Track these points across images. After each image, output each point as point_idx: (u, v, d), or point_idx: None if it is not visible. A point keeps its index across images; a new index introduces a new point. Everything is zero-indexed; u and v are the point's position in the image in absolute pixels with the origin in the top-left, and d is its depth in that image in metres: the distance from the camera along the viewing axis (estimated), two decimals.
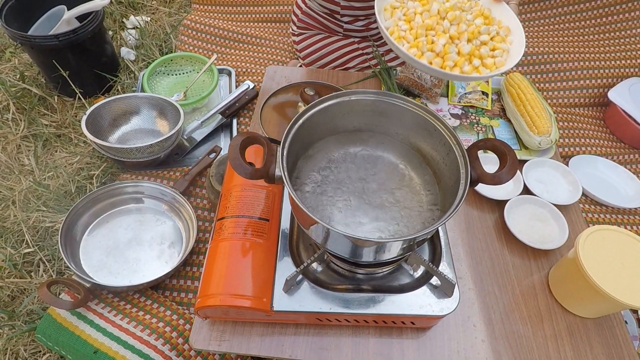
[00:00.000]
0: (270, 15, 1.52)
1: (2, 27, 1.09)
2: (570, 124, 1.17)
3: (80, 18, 1.17)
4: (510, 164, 0.47)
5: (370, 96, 0.56)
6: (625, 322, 0.63)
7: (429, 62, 0.56)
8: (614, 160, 1.08)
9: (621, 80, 1.22)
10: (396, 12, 0.61)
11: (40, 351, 0.81)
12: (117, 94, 1.15)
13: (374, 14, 1.05)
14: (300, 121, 0.52)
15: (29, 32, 1.17)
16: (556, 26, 1.42)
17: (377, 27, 1.08)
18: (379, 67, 1.00)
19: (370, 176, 0.57)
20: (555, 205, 0.71)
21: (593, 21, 1.37)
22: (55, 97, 1.23)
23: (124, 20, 1.48)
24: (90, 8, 1.15)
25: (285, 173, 0.46)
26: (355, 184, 0.56)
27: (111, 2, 1.49)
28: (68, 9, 1.17)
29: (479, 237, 0.69)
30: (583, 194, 0.99)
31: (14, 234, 0.93)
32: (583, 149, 1.11)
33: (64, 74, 1.13)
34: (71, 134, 1.16)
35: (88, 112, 0.99)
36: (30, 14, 1.19)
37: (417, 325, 0.56)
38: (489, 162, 0.75)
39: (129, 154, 0.97)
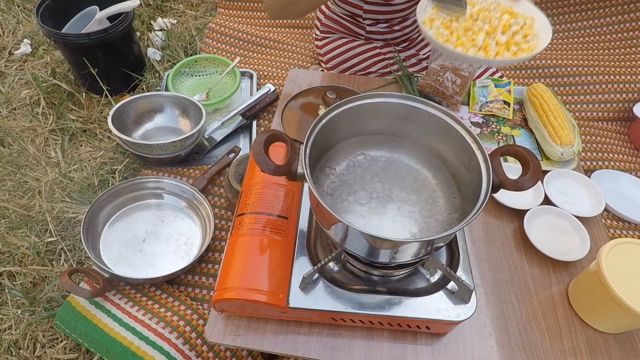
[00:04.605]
0: (292, 21, 1.55)
1: (37, 25, 1.14)
2: (594, 137, 1.15)
3: (111, 18, 1.22)
4: (533, 170, 0.47)
5: (393, 99, 0.56)
6: None
7: (474, 54, 0.66)
8: (638, 177, 1.06)
9: None
10: (435, 22, 0.71)
11: (57, 338, 0.83)
12: (142, 93, 1.18)
13: (395, 17, 1.06)
14: (324, 121, 0.52)
15: (63, 31, 1.22)
16: (582, 39, 1.40)
17: (399, 29, 1.09)
18: (399, 72, 1.00)
19: (390, 179, 0.57)
20: (576, 217, 0.70)
21: (620, 35, 1.35)
22: (83, 94, 1.27)
23: (152, 22, 1.52)
24: (121, 9, 1.20)
25: (308, 170, 0.47)
26: (375, 186, 0.57)
27: (140, 4, 1.53)
28: (100, 10, 1.21)
29: (497, 246, 0.68)
30: (605, 209, 0.97)
31: (39, 223, 0.96)
32: (606, 163, 1.09)
33: (93, 72, 1.17)
34: (96, 130, 1.19)
35: (114, 109, 1.02)
36: (65, 13, 1.24)
37: (432, 330, 0.55)
38: (508, 171, 0.74)
39: (151, 150, 0.99)
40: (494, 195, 0.72)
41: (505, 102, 0.91)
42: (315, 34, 1.18)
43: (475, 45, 0.66)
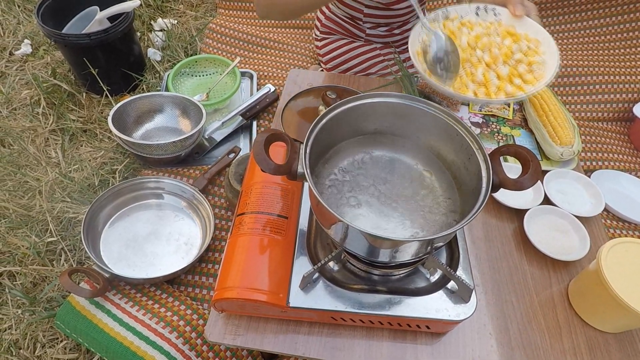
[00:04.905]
0: (292, 22, 1.55)
1: (38, 25, 1.14)
2: (594, 137, 1.15)
3: (112, 19, 1.22)
4: (533, 170, 0.47)
5: (393, 99, 0.56)
6: None
7: (474, 93, 0.58)
8: (638, 177, 1.06)
9: None
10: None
11: (57, 338, 0.83)
12: (143, 93, 1.18)
13: (395, 22, 1.06)
14: (324, 120, 0.52)
15: (63, 31, 1.22)
16: (582, 39, 1.40)
17: (399, 33, 1.09)
18: (400, 73, 1.00)
19: (389, 179, 0.57)
20: (576, 216, 0.70)
21: (620, 35, 1.36)
22: (84, 94, 1.28)
23: (152, 22, 1.53)
24: (122, 9, 1.20)
25: (308, 170, 0.47)
26: (375, 186, 0.57)
27: (141, 4, 1.54)
28: (100, 10, 1.22)
29: (497, 246, 0.69)
30: (605, 209, 0.97)
31: (39, 223, 0.96)
32: (606, 163, 1.09)
33: (94, 72, 1.18)
34: (97, 130, 1.20)
35: (115, 109, 1.02)
36: (65, 13, 1.24)
37: (432, 329, 0.55)
38: (508, 171, 0.74)
39: (151, 150, 1.00)
40: (493, 194, 0.72)
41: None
42: (315, 35, 1.18)
43: (475, 81, 0.58)
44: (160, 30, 1.49)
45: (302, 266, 0.55)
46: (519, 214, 0.72)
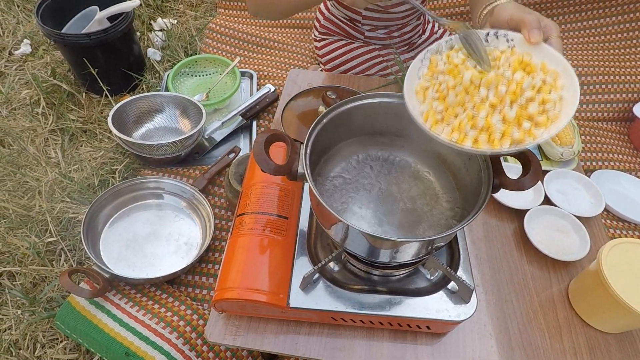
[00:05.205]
0: (292, 21, 1.55)
1: (38, 25, 1.14)
2: (594, 137, 1.15)
3: (111, 19, 1.22)
4: (533, 170, 0.47)
5: (393, 99, 0.56)
6: None
7: (473, 140, 0.48)
8: (638, 177, 1.06)
9: None
10: (428, 93, 0.52)
11: (57, 338, 0.83)
12: (142, 93, 1.18)
13: (394, 24, 1.06)
14: (324, 121, 0.52)
15: (63, 31, 1.22)
16: (582, 39, 1.40)
17: (398, 36, 1.09)
18: (400, 73, 1.00)
19: (390, 179, 0.57)
20: (576, 217, 0.70)
21: (620, 35, 1.35)
22: (83, 94, 1.27)
23: (152, 22, 1.52)
24: (121, 9, 1.20)
25: (308, 170, 0.47)
26: (375, 186, 0.57)
27: (140, 4, 1.53)
28: (100, 10, 1.22)
29: (497, 246, 0.69)
30: (605, 209, 0.97)
31: (39, 223, 0.96)
32: (606, 163, 1.09)
33: (93, 72, 1.17)
34: (96, 130, 1.20)
35: (114, 109, 1.02)
36: (65, 13, 1.24)
37: (432, 330, 0.55)
38: (508, 171, 0.74)
39: (151, 150, 1.00)
40: (494, 195, 0.72)
41: None
42: (314, 35, 1.18)
43: (476, 126, 0.48)
44: (160, 30, 1.49)
45: (302, 266, 0.55)
46: (519, 214, 0.72)
